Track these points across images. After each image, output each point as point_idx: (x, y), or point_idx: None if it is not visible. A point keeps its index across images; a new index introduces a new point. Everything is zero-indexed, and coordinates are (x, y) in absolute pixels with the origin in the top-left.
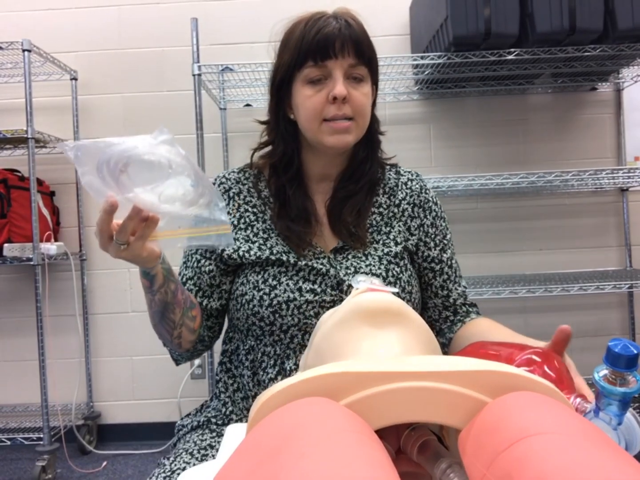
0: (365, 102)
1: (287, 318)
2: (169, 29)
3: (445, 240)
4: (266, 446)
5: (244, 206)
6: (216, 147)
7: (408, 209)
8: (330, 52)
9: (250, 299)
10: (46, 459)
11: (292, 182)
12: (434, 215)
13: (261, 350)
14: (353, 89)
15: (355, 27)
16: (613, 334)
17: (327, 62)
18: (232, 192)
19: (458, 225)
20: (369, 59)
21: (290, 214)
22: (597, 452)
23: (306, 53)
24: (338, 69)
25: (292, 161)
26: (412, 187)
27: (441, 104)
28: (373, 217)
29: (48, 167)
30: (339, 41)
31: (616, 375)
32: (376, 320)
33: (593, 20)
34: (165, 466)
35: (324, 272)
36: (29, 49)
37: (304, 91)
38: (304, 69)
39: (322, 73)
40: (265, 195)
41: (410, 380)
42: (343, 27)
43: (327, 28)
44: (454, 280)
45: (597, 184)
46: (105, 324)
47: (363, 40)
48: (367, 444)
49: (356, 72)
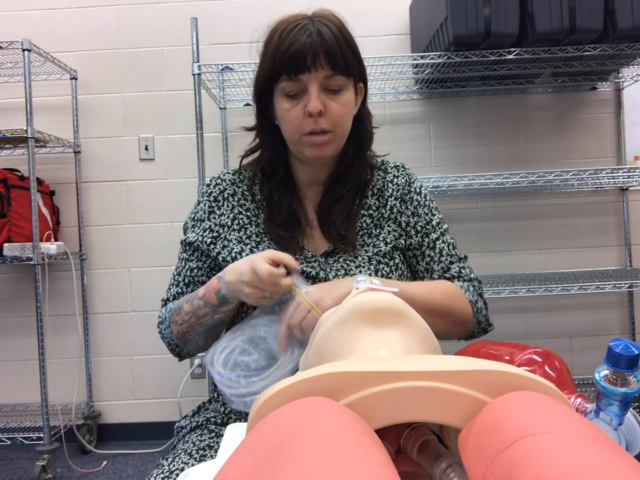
0: (344, 112)
1: None
2: (169, 28)
3: (429, 226)
4: (266, 446)
5: (238, 208)
6: (216, 146)
7: (396, 204)
8: (302, 67)
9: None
10: (46, 458)
11: (280, 187)
12: (415, 204)
13: None
14: (331, 101)
15: (329, 35)
16: (613, 333)
17: (301, 76)
18: (226, 193)
19: (458, 225)
20: (346, 66)
21: (278, 219)
22: (597, 452)
23: (279, 68)
24: (313, 82)
25: (278, 167)
26: (397, 182)
27: (441, 103)
28: (363, 219)
29: (48, 166)
30: (310, 55)
31: (617, 375)
32: (376, 320)
33: (593, 20)
34: (164, 467)
35: (314, 275)
36: (28, 49)
37: (282, 104)
38: (280, 82)
39: (297, 87)
40: (259, 199)
41: (410, 380)
42: (315, 39)
43: (298, 42)
44: (439, 260)
45: (597, 183)
46: (105, 323)
47: (337, 49)
48: (367, 444)
49: (333, 83)
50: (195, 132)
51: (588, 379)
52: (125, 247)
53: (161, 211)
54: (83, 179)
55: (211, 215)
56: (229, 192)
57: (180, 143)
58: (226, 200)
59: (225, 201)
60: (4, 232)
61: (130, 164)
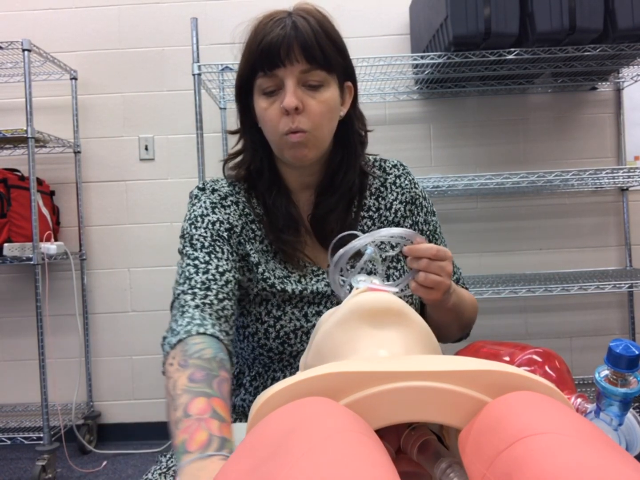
0: (323, 110)
1: (296, 345)
2: (169, 29)
3: (436, 235)
4: (266, 446)
5: (244, 218)
6: (216, 146)
7: (401, 208)
8: (276, 61)
9: (254, 332)
10: (46, 458)
11: (271, 192)
12: (425, 211)
13: (270, 377)
14: (310, 97)
15: (304, 27)
16: (613, 333)
17: (276, 71)
18: (229, 199)
19: (458, 225)
20: (326, 60)
21: (278, 224)
22: (597, 452)
23: (254, 63)
24: (289, 77)
25: (262, 170)
26: (401, 184)
27: (441, 103)
28: (364, 221)
29: (48, 166)
30: (283, 47)
31: (617, 375)
32: (376, 320)
33: (593, 20)
34: (162, 463)
35: (329, 294)
36: (29, 49)
37: (260, 103)
38: (257, 79)
39: (274, 83)
40: (258, 213)
41: (410, 380)
42: (288, 31)
43: (270, 35)
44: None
45: (597, 183)
46: (105, 323)
47: (314, 41)
48: (367, 444)
49: (311, 78)
50: (195, 132)
51: (588, 379)
52: (125, 247)
53: (161, 211)
54: (83, 179)
55: (215, 209)
56: (231, 200)
57: (180, 143)
58: (230, 206)
59: (232, 205)
60: (4, 232)
61: (130, 164)
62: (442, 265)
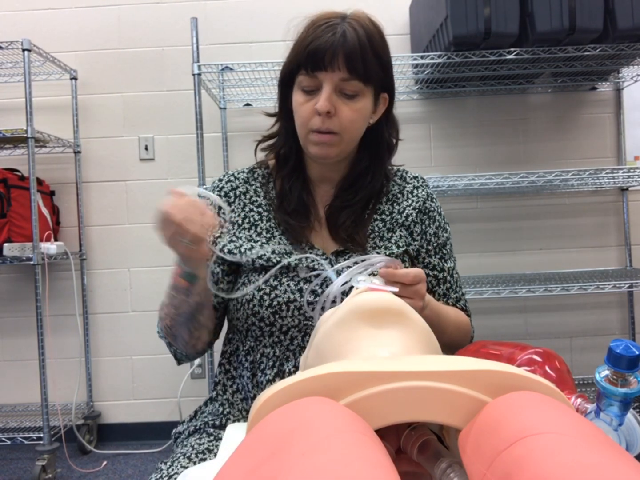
0: (354, 117)
1: (287, 319)
2: (169, 29)
3: (445, 250)
4: (266, 446)
5: (249, 205)
6: (216, 146)
7: (412, 214)
8: (320, 64)
9: (250, 299)
10: (46, 458)
11: (291, 178)
12: (437, 225)
13: (260, 352)
14: (343, 104)
15: (352, 38)
16: (613, 333)
17: (318, 74)
18: (238, 190)
19: (458, 225)
20: (365, 72)
21: (288, 208)
22: (597, 452)
23: (299, 62)
24: (328, 82)
25: (290, 157)
26: (417, 194)
27: (441, 103)
28: (375, 223)
29: (48, 166)
30: (328, 54)
31: (617, 376)
32: (376, 320)
33: (593, 20)
34: (162, 471)
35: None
36: (29, 49)
37: (297, 97)
38: (299, 75)
39: (314, 83)
40: (272, 196)
41: (410, 380)
42: (337, 39)
43: (321, 39)
44: (455, 289)
45: (597, 183)
46: (106, 323)
47: (358, 53)
48: (367, 444)
49: (348, 87)
50: (195, 132)
51: (588, 379)
52: (125, 247)
53: None
54: (83, 179)
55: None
56: (241, 191)
57: (180, 143)
58: (237, 198)
59: (237, 199)
60: (4, 232)
61: (130, 164)
62: (416, 289)
